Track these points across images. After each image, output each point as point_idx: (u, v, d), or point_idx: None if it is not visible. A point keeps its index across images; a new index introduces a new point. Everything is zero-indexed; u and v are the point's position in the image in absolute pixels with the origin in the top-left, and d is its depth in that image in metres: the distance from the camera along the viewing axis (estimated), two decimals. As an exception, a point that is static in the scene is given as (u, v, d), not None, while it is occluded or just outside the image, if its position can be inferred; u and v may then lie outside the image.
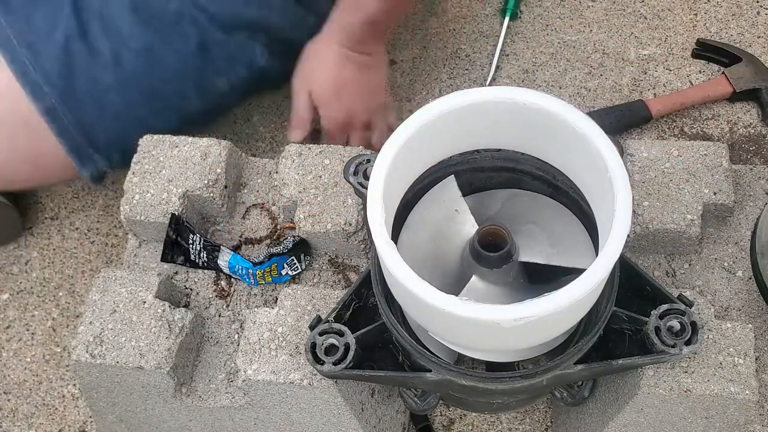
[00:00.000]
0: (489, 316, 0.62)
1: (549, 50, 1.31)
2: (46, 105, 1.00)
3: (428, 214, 0.77)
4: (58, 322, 1.15)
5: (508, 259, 0.71)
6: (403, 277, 0.64)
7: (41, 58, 1.00)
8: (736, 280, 0.87)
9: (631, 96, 1.25)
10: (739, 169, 0.92)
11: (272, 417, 0.85)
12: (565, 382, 0.79)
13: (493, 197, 0.80)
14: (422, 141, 0.71)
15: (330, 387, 0.79)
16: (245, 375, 0.79)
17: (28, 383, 1.11)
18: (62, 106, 1.00)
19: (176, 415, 0.87)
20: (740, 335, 0.77)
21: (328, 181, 0.89)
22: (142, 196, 0.90)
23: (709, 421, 0.79)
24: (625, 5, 1.34)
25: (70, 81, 1.00)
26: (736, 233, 0.89)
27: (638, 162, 0.88)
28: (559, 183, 0.77)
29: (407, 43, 1.34)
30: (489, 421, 1.03)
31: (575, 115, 0.68)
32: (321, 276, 0.91)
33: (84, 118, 1.02)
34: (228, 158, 0.92)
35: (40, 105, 1.00)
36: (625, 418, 0.81)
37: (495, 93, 0.70)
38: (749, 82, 1.21)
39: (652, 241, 0.86)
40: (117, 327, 0.83)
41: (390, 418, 0.93)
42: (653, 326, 0.72)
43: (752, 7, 1.32)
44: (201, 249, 0.90)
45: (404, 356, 0.76)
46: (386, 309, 0.73)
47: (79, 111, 1.01)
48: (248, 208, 0.95)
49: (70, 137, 1.03)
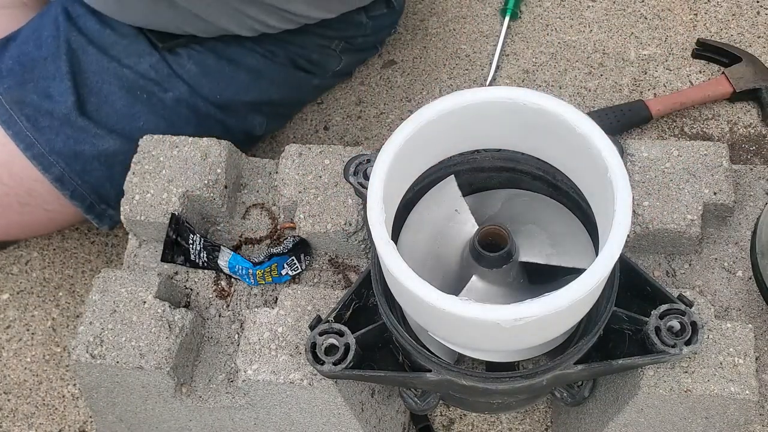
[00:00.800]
0: (489, 316, 0.62)
1: (549, 50, 1.31)
2: (55, 174, 1.01)
3: (428, 214, 0.77)
4: (58, 322, 1.15)
5: (508, 259, 0.71)
6: (403, 277, 0.64)
7: (44, 131, 1.00)
8: (736, 280, 0.87)
9: (631, 96, 1.25)
10: (739, 169, 0.92)
11: (272, 417, 0.85)
12: (565, 382, 0.79)
13: (493, 197, 0.80)
14: (422, 141, 0.71)
15: (330, 387, 0.79)
16: (245, 375, 0.79)
17: (28, 383, 1.11)
18: (70, 173, 1.01)
19: (176, 415, 0.87)
20: (740, 335, 0.77)
21: (328, 181, 0.89)
22: (142, 196, 0.90)
23: (709, 421, 0.79)
24: (625, 5, 1.34)
25: (75, 149, 1.01)
26: (736, 233, 0.89)
27: (638, 162, 0.88)
28: (559, 183, 0.77)
29: (407, 43, 1.34)
30: (489, 421, 1.03)
31: (575, 115, 0.68)
32: (321, 276, 0.91)
33: (93, 180, 1.02)
34: (228, 158, 0.92)
35: (49, 175, 1.01)
36: (625, 418, 0.81)
37: (495, 93, 0.70)
38: (749, 82, 1.21)
39: (652, 241, 0.86)
40: (117, 327, 0.83)
41: (390, 418, 0.93)
42: (653, 326, 0.72)
43: (752, 7, 1.32)
44: (201, 249, 0.90)
45: (404, 356, 0.76)
46: (386, 309, 0.73)
47: (87, 175, 1.02)
48: (248, 208, 0.95)
49: (82, 199, 1.03)
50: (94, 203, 1.04)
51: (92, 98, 1.02)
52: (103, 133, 1.01)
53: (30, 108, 1.00)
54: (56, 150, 1.00)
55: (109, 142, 1.02)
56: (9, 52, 1.04)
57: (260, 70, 1.10)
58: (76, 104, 1.01)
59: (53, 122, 1.00)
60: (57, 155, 1.00)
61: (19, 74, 1.02)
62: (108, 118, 1.02)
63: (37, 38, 1.03)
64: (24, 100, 1.00)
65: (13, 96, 1.00)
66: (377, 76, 1.31)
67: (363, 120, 1.27)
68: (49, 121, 1.00)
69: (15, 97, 1.00)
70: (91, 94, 1.02)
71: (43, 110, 1.00)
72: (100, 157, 1.02)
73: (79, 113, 1.01)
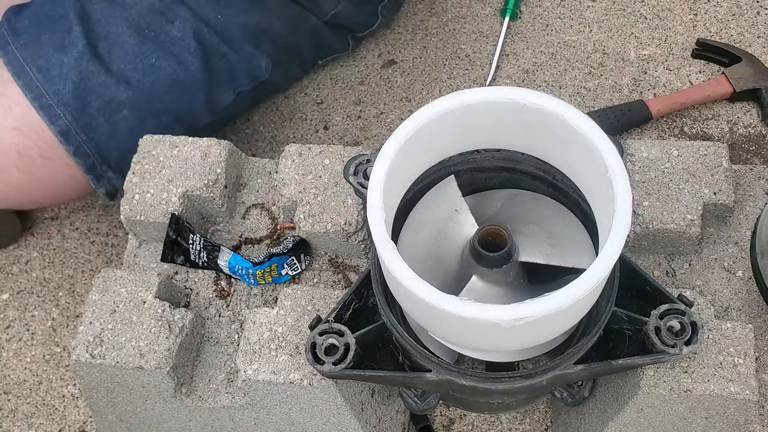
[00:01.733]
0: (489, 316, 0.62)
1: (549, 50, 1.31)
2: (61, 127, 1.01)
3: (428, 214, 0.77)
4: (58, 322, 1.15)
5: (508, 259, 0.71)
6: (403, 277, 0.64)
7: (54, 80, 1.01)
8: (736, 280, 0.87)
9: (631, 96, 1.25)
10: (739, 169, 0.92)
11: (272, 417, 0.85)
12: (565, 382, 0.79)
13: (493, 197, 0.80)
14: (422, 141, 0.71)
15: (330, 387, 0.79)
16: (245, 375, 0.79)
17: (28, 383, 1.11)
18: (76, 127, 1.02)
19: (176, 415, 0.87)
20: (740, 335, 0.77)
21: (328, 181, 0.89)
22: (142, 196, 0.90)
23: (709, 421, 0.79)
24: (625, 5, 1.34)
25: (82, 101, 1.02)
26: (736, 233, 0.89)
27: (638, 162, 0.88)
28: (559, 183, 0.77)
29: (407, 43, 1.34)
30: (489, 421, 1.03)
31: (575, 115, 0.68)
32: (321, 276, 0.91)
33: (97, 137, 1.03)
34: (228, 158, 0.92)
35: (55, 127, 1.01)
36: (625, 418, 0.81)
37: (495, 93, 0.70)
38: (749, 82, 1.21)
39: (652, 241, 0.86)
40: (117, 327, 0.83)
41: (390, 418, 0.93)
42: (653, 326, 0.72)
43: (752, 7, 1.32)
44: (201, 249, 0.90)
45: (404, 356, 0.76)
46: (386, 309, 0.73)
47: (92, 130, 1.03)
48: (248, 208, 0.95)
49: (84, 157, 1.04)
50: (96, 163, 1.04)
51: (102, 41, 1.03)
52: (111, 82, 1.02)
53: (43, 59, 1.01)
54: (63, 101, 1.01)
55: (116, 91, 1.02)
56: (26, 12, 1.06)
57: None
58: (87, 47, 1.02)
59: (63, 69, 1.01)
60: (64, 107, 1.01)
61: (35, 30, 1.03)
62: (119, 60, 1.03)
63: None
64: (38, 52, 1.02)
65: (29, 50, 1.02)
66: (377, 76, 1.31)
67: (363, 120, 1.27)
68: (59, 69, 1.01)
69: (30, 51, 1.02)
70: (100, 38, 1.03)
71: (56, 60, 1.01)
72: (106, 110, 1.02)
73: (91, 57, 1.02)
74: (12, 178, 1.03)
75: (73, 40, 1.02)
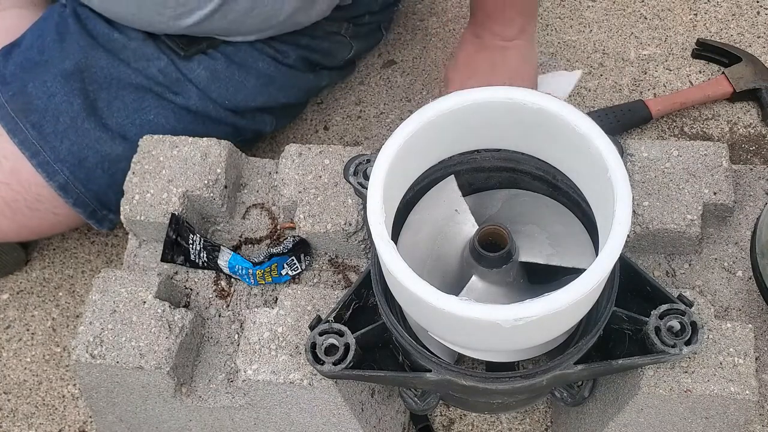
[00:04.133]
0: (489, 316, 0.62)
1: (549, 50, 1.31)
2: (59, 182, 1.01)
3: (428, 214, 0.77)
4: (58, 322, 1.15)
5: (508, 259, 0.71)
6: (403, 277, 0.64)
7: (49, 137, 1.00)
8: (736, 280, 0.87)
9: (631, 96, 1.25)
10: (739, 169, 0.92)
11: (272, 417, 0.85)
12: (565, 382, 0.79)
13: (493, 197, 0.80)
14: (422, 141, 0.71)
15: (330, 387, 0.79)
16: (245, 375, 0.79)
17: (28, 383, 1.11)
18: (74, 180, 1.01)
19: (176, 415, 0.87)
20: (740, 335, 0.77)
21: (328, 181, 0.89)
22: (142, 196, 0.90)
23: (709, 421, 0.79)
24: (625, 5, 1.34)
25: (79, 156, 1.01)
26: (736, 233, 0.89)
27: (638, 162, 0.88)
28: (559, 183, 0.77)
29: (407, 43, 1.34)
30: (489, 421, 1.03)
31: (575, 115, 0.68)
32: (321, 276, 0.91)
33: (96, 187, 1.03)
34: (228, 158, 0.92)
35: (53, 183, 1.01)
36: (625, 418, 0.81)
37: (495, 93, 0.70)
38: (749, 82, 1.21)
39: (652, 241, 0.86)
40: (117, 327, 0.83)
41: (390, 418, 0.93)
42: (653, 326, 0.72)
43: (752, 7, 1.32)
44: (201, 249, 0.90)
45: (404, 356, 0.76)
46: (386, 309, 0.73)
47: (90, 182, 1.02)
48: (248, 208, 0.95)
49: (84, 206, 1.04)
50: (96, 210, 1.05)
51: (102, 94, 1.02)
52: (107, 138, 1.01)
53: (35, 114, 1.00)
54: (61, 158, 1.00)
55: (112, 146, 1.02)
56: (13, 58, 1.04)
57: (270, 75, 1.10)
58: (83, 106, 1.01)
59: (58, 127, 1.00)
60: (62, 163, 1.00)
61: (23, 79, 1.02)
62: (118, 114, 1.02)
63: (41, 44, 1.04)
64: (29, 105, 1.00)
65: (18, 103, 1.01)
66: (377, 76, 1.31)
67: (363, 120, 1.27)
68: (54, 126, 1.00)
69: (20, 104, 1.00)
70: (101, 90, 1.02)
71: (49, 114, 1.00)
72: (104, 164, 1.02)
73: (86, 115, 1.01)
74: (1, 225, 1.04)
75: (68, 94, 1.00)
